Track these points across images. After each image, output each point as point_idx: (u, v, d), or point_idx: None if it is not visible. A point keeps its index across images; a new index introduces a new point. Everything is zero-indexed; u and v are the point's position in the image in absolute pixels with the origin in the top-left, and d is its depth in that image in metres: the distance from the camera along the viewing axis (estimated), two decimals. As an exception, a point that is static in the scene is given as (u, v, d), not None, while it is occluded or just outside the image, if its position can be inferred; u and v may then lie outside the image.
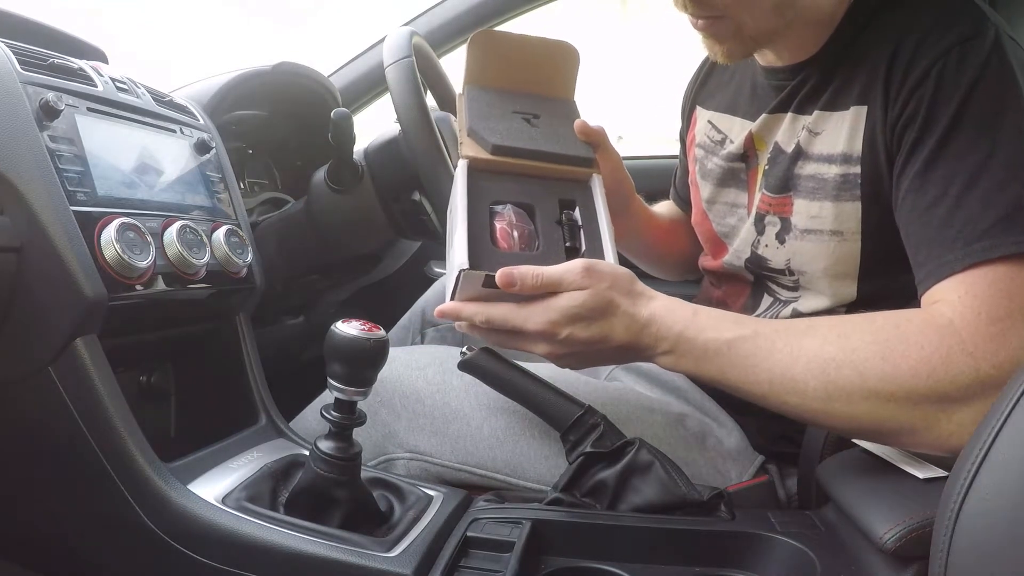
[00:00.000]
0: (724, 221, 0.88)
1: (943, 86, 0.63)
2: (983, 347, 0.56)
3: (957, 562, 0.42)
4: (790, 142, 0.77)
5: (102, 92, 0.78)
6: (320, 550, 0.62)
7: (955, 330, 0.57)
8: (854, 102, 0.70)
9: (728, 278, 0.90)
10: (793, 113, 0.77)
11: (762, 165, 0.81)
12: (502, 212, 0.72)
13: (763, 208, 0.80)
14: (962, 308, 0.58)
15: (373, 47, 1.47)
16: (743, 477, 0.78)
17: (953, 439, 0.57)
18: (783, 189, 0.77)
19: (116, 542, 0.70)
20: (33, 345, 0.67)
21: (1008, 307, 0.57)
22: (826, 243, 0.74)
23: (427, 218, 0.98)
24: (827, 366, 0.59)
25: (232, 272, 0.84)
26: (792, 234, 0.77)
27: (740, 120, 0.86)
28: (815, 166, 0.74)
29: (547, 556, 0.63)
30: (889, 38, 0.68)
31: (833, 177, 0.72)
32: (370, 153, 1.00)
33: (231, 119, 1.12)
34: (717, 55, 0.74)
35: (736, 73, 0.89)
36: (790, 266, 0.78)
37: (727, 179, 0.87)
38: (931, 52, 0.64)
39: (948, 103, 0.62)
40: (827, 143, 0.73)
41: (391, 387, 0.81)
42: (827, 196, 0.73)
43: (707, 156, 0.90)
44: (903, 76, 0.65)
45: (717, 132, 0.89)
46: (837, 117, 0.72)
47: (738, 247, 0.85)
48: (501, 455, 0.78)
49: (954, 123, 0.62)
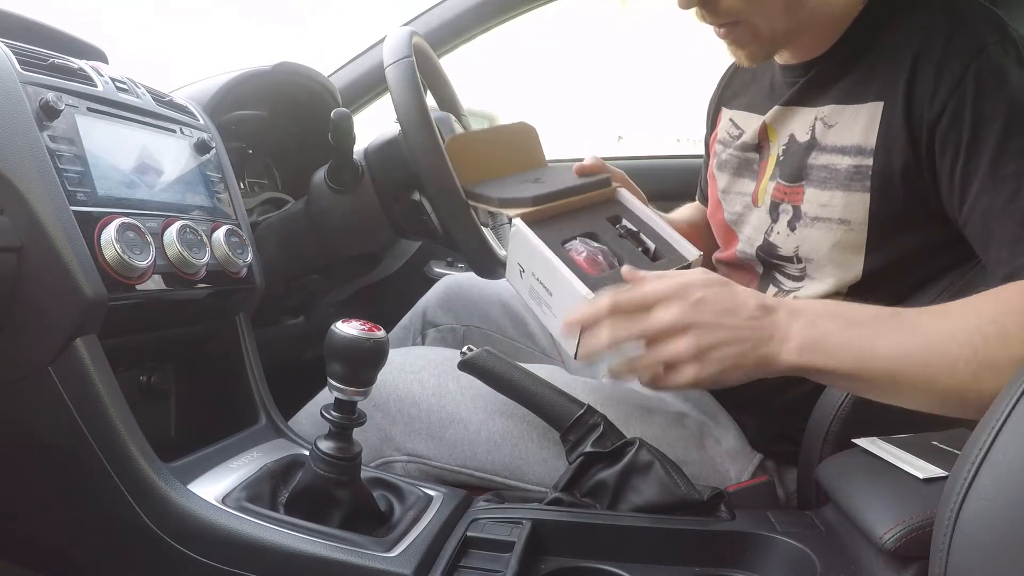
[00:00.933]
0: (734, 209, 0.91)
1: (985, 85, 0.65)
2: None
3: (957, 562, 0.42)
4: (804, 133, 0.79)
5: (102, 92, 0.78)
6: (320, 550, 0.62)
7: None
8: (872, 97, 0.72)
9: (738, 268, 0.92)
10: (807, 106, 0.79)
11: (775, 155, 0.84)
12: (575, 246, 0.77)
13: (778, 196, 0.82)
14: None
15: (373, 47, 1.47)
16: (742, 476, 0.78)
17: None
18: (797, 178, 0.79)
19: (116, 542, 0.70)
20: (33, 345, 0.67)
21: None
22: (833, 231, 0.76)
23: (427, 218, 0.98)
24: (973, 337, 0.59)
25: (232, 272, 0.84)
26: (802, 221, 0.79)
27: (756, 117, 0.88)
28: (828, 156, 0.76)
29: (547, 556, 0.63)
30: (911, 38, 0.70)
31: (845, 168, 0.74)
32: (370, 153, 1.00)
33: (231, 119, 1.12)
34: (742, 59, 0.78)
35: (757, 74, 0.92)
36: (798, 253, 0.80)
37: (741, 169, 0.90)
38: (963, 53, 0.66)
39: (997, 102, 0.64)
40: (841, 135, 0.75)
41: (386, 391, 0.81)
42: (838, 185, 0.75)
43: (726, 150, 0.93)
44: (935, 78, 0.67)
45: (736, 128, 0.93)
46: (853, 110, 0.74)
47: (751, 235, 0.87)
48: (500, 458, 0.78)
49: (1012, 120, 0.64)
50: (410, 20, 1.46)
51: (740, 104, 0.94)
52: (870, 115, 0.72)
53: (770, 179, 0.84)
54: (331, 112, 0.94)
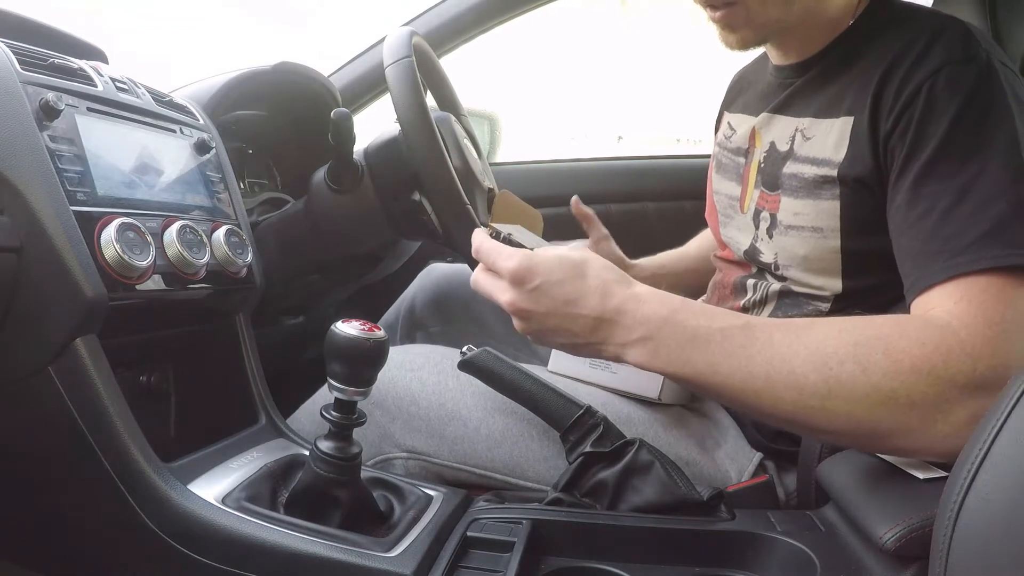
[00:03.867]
0: (725, 212, 0.92)
1: (933, 105, 0.65)
2: (980, 347, 0.56)
3: (957, 562, 0.42)
4: (785, 143, 0.80)
5: (102, 92, 0.78)
6: (320, 550, 0.62)
7: (954, 330, 0.57)
8: (843, 113, 0.73)
9: (737, 264, 0.92)
10: (790, 115, 0.81)
11: (756, 161, 0.85)
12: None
13: (760, 204, 0.83)
14: (958, 312, 0.58)
15: (373, 47, 1.47)
16: (742, 476, 0.78)
17: (948, 441, 0.55)
18: (774, 187, 0.80)
19: (116, 542, 0.70)
20: (33, 345, 0.67)
21: (1002, 314, 0.58)
22: (807, 239, 0.76)
23: (427, 218, 0.98)
24: (828, 360, 0.57)
25: (232, 272, 0.84)
26: (778, 230, 0.79)
27: (750, 118, 0.89)
28: (799, 166, 0.77)
29: (547, 556, 0.63)
30: (885, 54, 0.70)
31: (813, 177, 0.75)
32: (370, 153, 1.00)
33: (231, 119, 1.12)
34: (732, 44, 0.79)
35: (757, 78, 0.93)
36: (777, 260, 0.80)
37: (731, 172, 0.91)
38: (922, 72, 0.66)
39: (938, 122, 0.64)
40: (815, 148, 0.75)
41: (385, 389, 0.81)
42: (808, 194, 0.75)
43: (722, 152, 0.95)
44: (896, 93, 0.68)
45: (731, 129, 0.94)
46: (827, 124, 0.75)
47: (738, 239, 0.88)
48: (500, 456, 0.78)
49: (944, 142, 0.64)
50: (410, 20, 1.46)
51: (738, 107, 0.95)
52: (840, 130, 0.73)
53: (754, 187, 0.85)
54: (331, 112, 0.94)
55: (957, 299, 0.59)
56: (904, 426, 0.57)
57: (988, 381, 0.55)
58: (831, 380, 0.57)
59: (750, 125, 0.87)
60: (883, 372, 0.56)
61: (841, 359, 0.57)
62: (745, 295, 0.87)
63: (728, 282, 0.91)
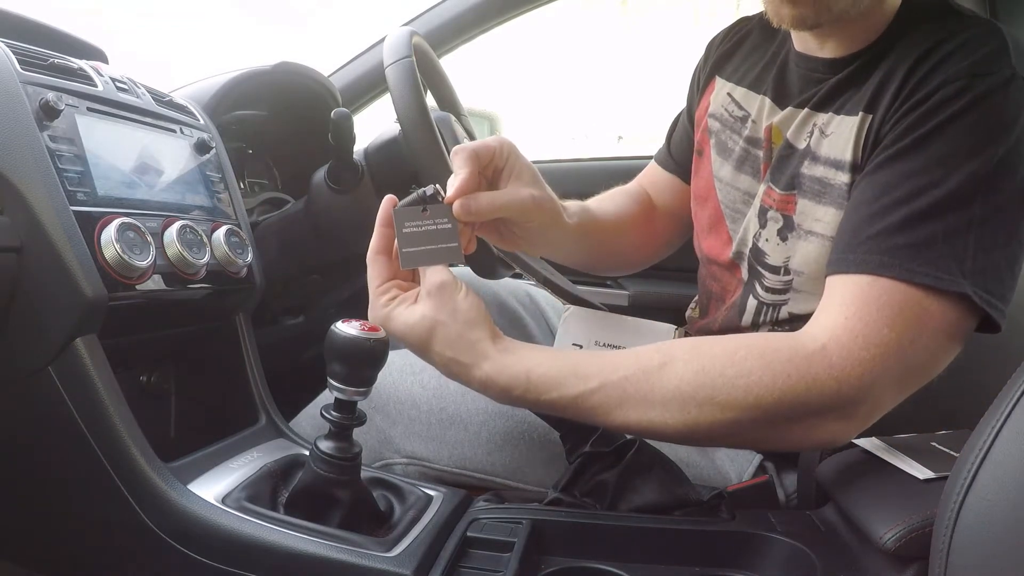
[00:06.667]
0: (734, 205, 0.86)
1: (933, 109, 0.64)
2: (850, 371, 0.58)
3: (957, 562, 0.42)
4: (801, 139, 0.76)
5: (102, 92, 0.78)
6: (320, 550, 0.62)
7: (826, 355, 0.59)
8: (862, 108, 0.70)
9: (726, 269, 0.87)
10: (810, 109, 0.76)
11: (773, 158, 0.80)
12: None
13: (767, 202, 0.79)
14: (841, 332, 0.59)
15: (373, 47, 1.47)
16: (742, 476, 0.78)
17: (804, 443, 0.62)
18: (789, 187, 0.76)
19: (116, 542, 0.70)
20: (33, 345, 0.67)
21: (887, 336, 0.58)
22: (827, 248, 0.72)
23: (427, 218, 0.98)
24: (687, 405, 0.59)
25: (232, 272, 0.84)
26: (795, 233, 0.76)
27: (764, 100, 0.83)
28: (823, 169, 0.73)
29: (547, 556, 0.63)
30: (912, 53, 0.68)
31: (839, 184, 0.71)
32: (370, 153, 1.00)
33: (231, 119, 1.12)
34: (784, 19, 0.72)
35: (759, 50, 0.88)
36: (788, 264, 0.77)
37: (743, 163, 0.85)
38: (938, 77, 0.64)
39: (925, 123, 0.64)
40: (833, 147, 0.72)
41: (386, 393, 0.80)
42: (832, 202, 0.72)
43: (725, 131, 0.88)
44: (909, 93, 0.66)
45: (739, 108, 0.86)
46: (846, 121, 0.71)
47: (743, 235, 0.83)
48: (500, 459, 0.78)
49: (919, 142, 0.63)
50: (410, 20, 1.46)
51: (741, 79, 0.87)
52: (859, 127, 0.70)
53: (761, 182, 0.80)
54: (331, 112, 0.94)
55: (850, 313, 0.60)
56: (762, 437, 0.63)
57: (850, 399, 0.58)
58: (690, 423, 0.60)
59: (770, 120, 0.80)
60: (743, 407, 0.59)
61: (699, 403, 0.59)
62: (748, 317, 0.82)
63: (728, 300, 0.86)
